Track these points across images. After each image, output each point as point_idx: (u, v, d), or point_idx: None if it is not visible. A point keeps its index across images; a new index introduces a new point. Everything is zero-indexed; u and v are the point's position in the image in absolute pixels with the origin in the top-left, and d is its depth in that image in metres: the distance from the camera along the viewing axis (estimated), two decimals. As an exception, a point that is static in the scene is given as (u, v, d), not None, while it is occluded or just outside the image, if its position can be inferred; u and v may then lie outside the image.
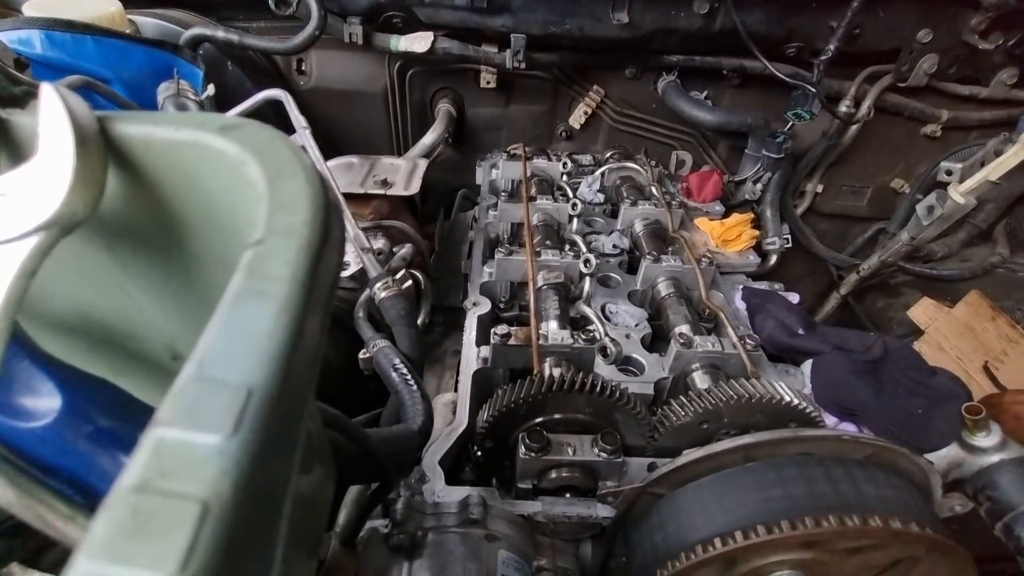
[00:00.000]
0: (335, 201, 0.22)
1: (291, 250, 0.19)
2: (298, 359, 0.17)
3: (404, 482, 0.65)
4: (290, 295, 0.17)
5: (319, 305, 0.19)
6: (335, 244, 0.21)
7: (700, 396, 0.68)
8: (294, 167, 0.21)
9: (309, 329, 0.18)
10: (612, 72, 1.48)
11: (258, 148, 0.22)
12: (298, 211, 0.20)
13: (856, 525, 0.47)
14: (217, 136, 0.23)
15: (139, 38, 1.07)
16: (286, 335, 0.17)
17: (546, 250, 0.99)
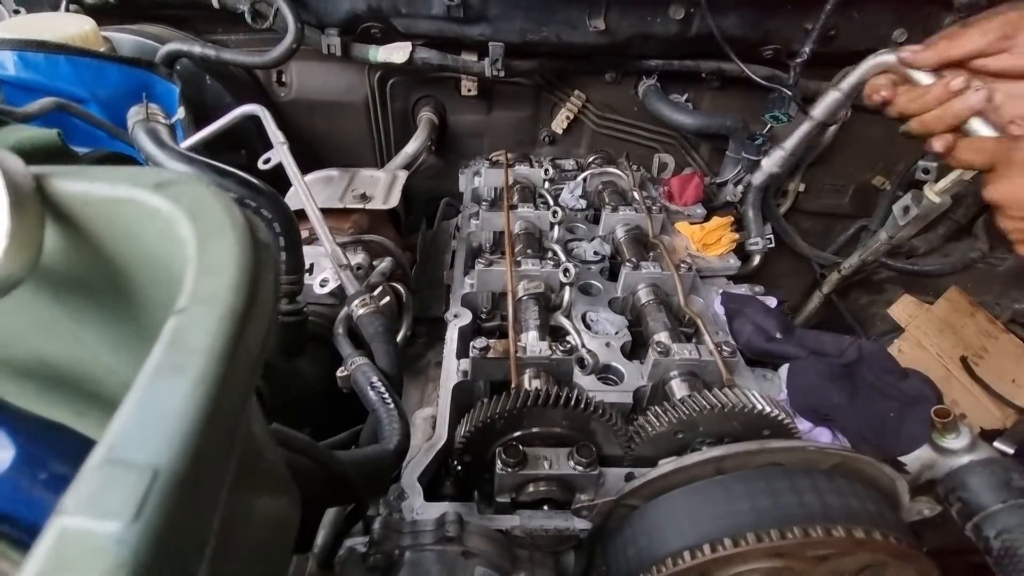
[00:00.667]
0: (267, 261, 0.22)
1: (213, 319, 0.19)
2: (214, 435, 0.17)
3: (383, 500, 0.65)
4: (207, 368, 0.18)
5: (242, 374, 0.19)
6: (263, 308, 0.21)
7: (674, 407, 0.69)
8: (224, 227, 0.22)
9: (228, 402, 0.18)
10: (592, 77, 1.49)
11: (190, 206, 0.22)
12: (224, 275, 0.20)
13: (820, 536, 0.48)
14: (151, 193, 0.23)
15: (114, 56, 1.07)
16: (200, 411, 0.17)
17: (526, 259, 0.99)
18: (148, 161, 0.65)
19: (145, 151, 0.65)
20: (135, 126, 0.67)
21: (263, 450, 0.32)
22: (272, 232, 0.69)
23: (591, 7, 1.22)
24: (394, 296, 0.97)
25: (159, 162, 0.63)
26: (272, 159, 0.96)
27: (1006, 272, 1.62)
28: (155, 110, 0.70)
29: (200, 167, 0.64)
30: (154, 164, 0.64)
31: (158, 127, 0.67)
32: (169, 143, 0.66)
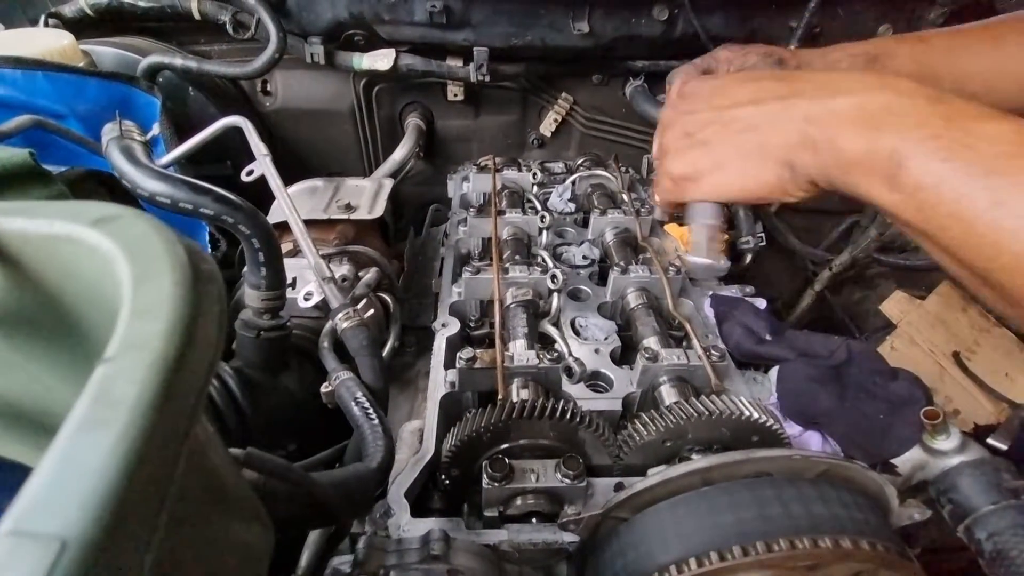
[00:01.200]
0: (208, 301, 0.21)
1: (141, 367, 0.18)
2: (138, 492, 0.16)
3: (369, 517, 0.64)
4: (133, 421, 0.17)
5: (177, 422, 0.19)
6: (202, 350, 0.20)
7: (662, 415, 0.68)
8: (162, 266, 0.21)
9: (159, 454, 0.17)
10: (579, 79, 1.48)
11: (129, 244, 0.21)
12: (158, 319, 0.19)
13: (807, 547, 0.47)
14: (90, 230, 0.22)
15: (92, 71, 1.06)
16: (122, 469, 0.16)
17: (514, 266, 0.98)
18: (122, 179, 0.64)
19: (118, 169, 0.64)
20: (108, 144, 0.66)
21: (225, 481, 0.31)
22: (251, 248, 0.69)
23: (575, 10, 1.21)
24: (380, 307, 0.96)
25: (132, 180, 0.62)
26: (255, 171, 0.95)
27: (998, 265, 1.62)
28: (129, 126, 0.69)
29: (175, 184, 0.63)
30: (127, 182, 0.63)
31: (132, 144, 0.66)
32: (143, 160, 0.65)
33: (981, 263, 0.41)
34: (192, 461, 0.26)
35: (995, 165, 0.39)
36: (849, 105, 0.46)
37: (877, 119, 0.45)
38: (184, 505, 0.25)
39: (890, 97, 0.46)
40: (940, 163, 0.41)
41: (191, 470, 0.26)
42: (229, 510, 0.34)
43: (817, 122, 0.48)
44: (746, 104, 0.54)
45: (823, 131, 0.47)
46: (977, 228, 0.39)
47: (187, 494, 0.25)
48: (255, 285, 0.71)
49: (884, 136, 0.44)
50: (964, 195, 0.40)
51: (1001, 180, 0.39)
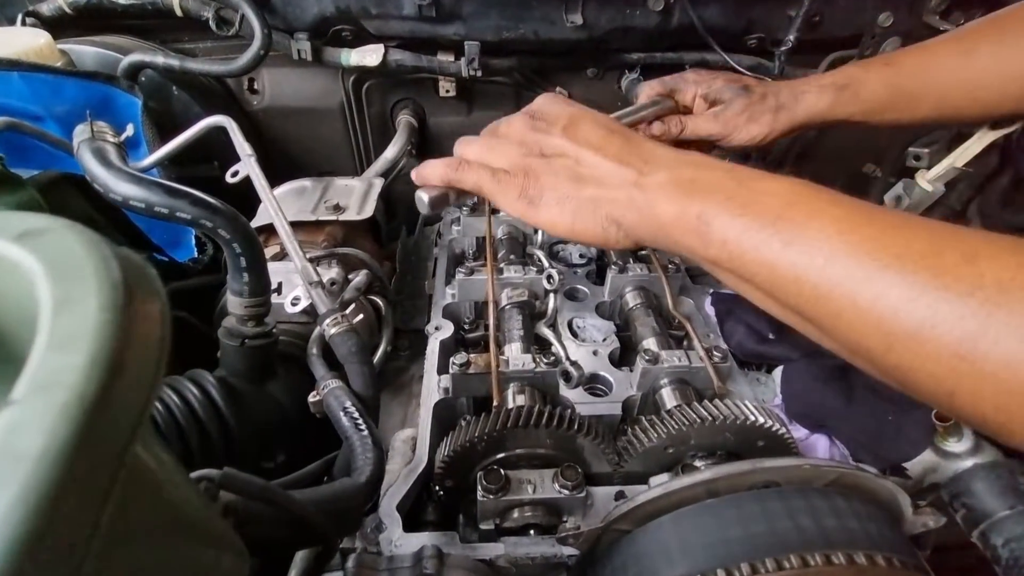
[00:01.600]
0: (144, 327, 0.18)
1: (52, 411, 0.15)
2: (40, 562, 0.14)
3: (360, 533, 0.62)
4: (35, 480, 0.14)
5: (97, 472, 0.16)
6: (133, 385, 0.17)
7: (663, 420, 0.65)
8: (89, 287, 0.18)
9: (70, 515, 0.15)
10: (574, 73, 1.44)
11: (54, 261, 0.19)
12: (77, 350, 0.17)
13: (819, 564, 0.44)
14: (12, 244, 0.19)
15: (70, 71, 1.03)
16: (16, 539, 0.13)
17: (509, 266, 0.96)
18: (93, 183, 0.61)
19: (90, 173, 0.61)
20: (79, 145, 0.63)
21: (187, 512, 0.29)
22: (232, 253, 0.66)
23: (568, 1, 1.18)
24: (371, 311, 0.93)
25: (104, 184, 0.59)
26: (240, 172, 0.92)
27: (1002, 257, 1.59)
28: (102, 127, 0.66)
29: (149, 187, 0.60)
30: (99, 186, 0.60)
31: (105, 146, 0.63)
32: (116, 162, 0.61)
33: (791, 300, 0.46)
34: (139, 497, 0.23)
35: (780, 213, 0.46)
36: (665, 179, 0.54)
37: (686, 188, 0.52)
38: (128, 548, 0.22)
39: (695, 171, 0.54)
40: (737, 218, 0.48)
41: (139, 506, 0.23)
42: (192, 542, 0.31)
43: (642, 189, 0.55)
44: (593, 150, 0.59)
45: (646, 198, 0.54)
46: (779, 269, 0.45)
47: (132, 535, 0.23)
48: (237, 292, 0.68)
49: (692, 202, 0.51)
50: (761, 242, 0.46)
51: (786, 224, 0.45)
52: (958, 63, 0.83)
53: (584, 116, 0.63)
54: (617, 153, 0.58)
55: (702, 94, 0.96)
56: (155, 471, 0.25)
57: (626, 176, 0.56)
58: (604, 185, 0.57)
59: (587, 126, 0.61)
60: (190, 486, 0.29)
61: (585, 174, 0.58)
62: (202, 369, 0.72)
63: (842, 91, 0.89)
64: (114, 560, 0.20)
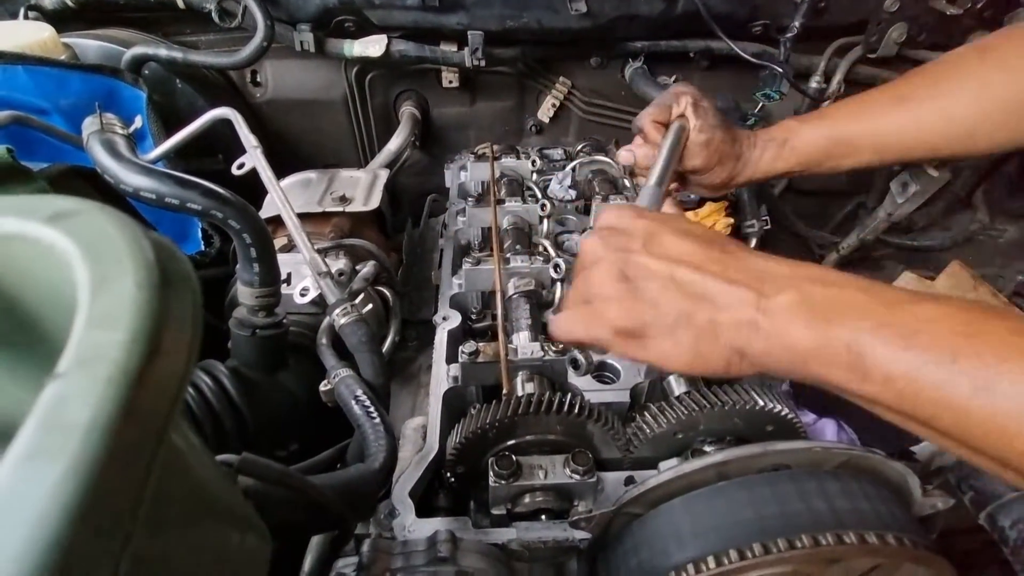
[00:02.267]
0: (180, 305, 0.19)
1: (97, 384, 0.16)
2: (92, 528, 0.14)
3: (373, 519, 0.62)
4: (84, 450, 0.15)
5: (141, 447, 0.16)
6: (172, 360, 0.18)
7: (672, 406, 0.66)
8: (125, 267, 0.18)
9: (119, 482, 0.15)
10: (577, 62, 1.44)
11: (87, 242, 0.19)
12: (117, 327, 0.17)
13: (831, 544, 0.45)
14: (45, 227, 0.20)
15: (75, 64, 1.03)
16: (69, 510, 0.14)
17: (515, 256, 0.96)
18: (104, 174, 0.61)
19: (100, 164, 0.61)
20: (89, 138, 0.63)
21: (213, 493, 0.29)
22: (242, 244, 0.66)
23: (572, -11, 1.17)
24: (379, 301, 0.94)
25: (115, 176, 0.60)
26: (246, 164, 0.92)
27: (1008, 244, 1.59)
28: (111, 119, 0.66)
29: (160, 179, 0.60)
30: (110, 178, 0.60)
31: (114, 138, 0.63)
32: (126, 154, 0.62)
33: (994, 450, 0.39)
34: (172, 477, 0.24)
35: (957, 347, 0.39)
36: (793, 300, 0.46)
37: (823, 312, 0.44)
38: (163, 526, 0.23)
39: (825, 289, 0.46)
40: (902, 352, 0.40)
41: (171, 487, 0.24)
42: (219, 522, 0.32)
43: (767, 313, 0.46)
44: (689, 267, 0.50)
45: (773, 324, 0.46)
46: (972, 415, 0.38)
47: (166, 513, 0.23)
48: (248, 282, 0.68)
49: (835, 329, 0.43)
50: (942, 382, 0.39)
51: (971, 363, 0.38)
52: (895, 109, 0.85)
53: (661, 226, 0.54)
54: (721, 270, 0.49)
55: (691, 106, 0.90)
56: (185, 452, 0.25)
57: (743, 297, 0.47)
58: (719, 308, 0.48)
59: (668, 238, 0.52)
60: (217, 468, 0.30)
61: (694, 297, 0.49)
62: (214, 360, 0.72)
63: (782, 146, 0.89)
64: (156, 537, 0.20)
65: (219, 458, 0.42)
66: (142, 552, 0.20)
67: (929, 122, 0.83)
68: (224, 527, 0.32)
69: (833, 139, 0.88)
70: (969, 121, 0.80)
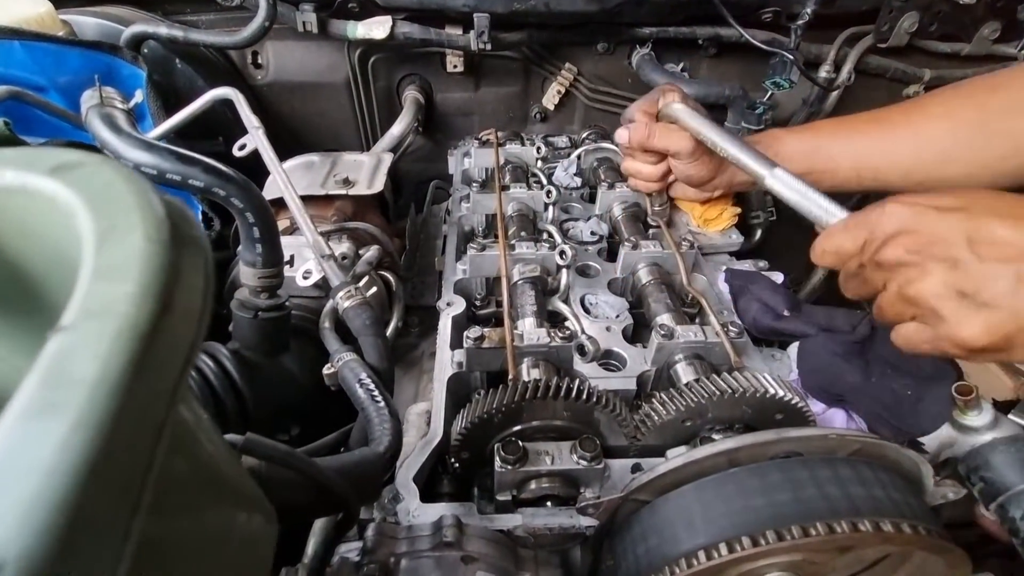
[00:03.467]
0: (191, 261, 0.17)
1: (105, 339, 0.15)
2: (101, 496, 0.13)
3: (377, 503, 0.62)
4: (92, 405, 0.14)
5: (151, 407, 0.15)
6: (183, 319, 0.17)
7: (681, 393, 0.65)
8: (132, 218, 0.17)
9: (127, 447, 0.14)
10: (584, 48, 1.42)
11: (93, 194, 0.18)
12: (126, 279, 0.16)
13: (845, 532, 0.44)
14: (47, 179, 0.18)
15: (73, 40, 1.01)
16: (77, 467, 0.13)
17: (520, 242, 0.95)
18: (103, 149, 0.59)
19: (100, 138, 0.59)
20: (88, 112, 0.61)
21: (221, 470, 0.28)
22: (245, 223, 0.65)
23: (580, -29, 1.15)
24: (383, 285, 0.92)
25: (115, 150, 0.58)
26: (248, 145, 0.90)
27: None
28: (110, 93, 0.64)
29: (161, 154, 0.59)
30: (110, 153, 0.59)
31: (114, 112, 0.62)
32: (126, 129, 0.60)
33: None
34: (180, 449, 0.23)
35: None
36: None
37: None
38: (172, 499, 0.22)
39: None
40: None
41: (179, 460, 0.23)
42: (226, 501, 0.31)
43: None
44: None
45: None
46: None
47: (175, 487, 0.22)
48: (251, 262, 0.67)
49: None
50: None
51: None
52: (871, 127, 0.86)
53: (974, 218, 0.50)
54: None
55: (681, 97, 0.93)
56: (193, 428, 0.24)
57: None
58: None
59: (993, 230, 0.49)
60: (225, 446, 0.29)
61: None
62: (216, 342, 0.71)
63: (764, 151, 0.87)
64: (162, 514, 0.19)
65: (225, 438, 0.41)
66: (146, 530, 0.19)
67: (904, 150, 0.83)
68: (232, 506, 0.31)
69: (815, 149, 0.89)
70: (940, 145, 0.80)
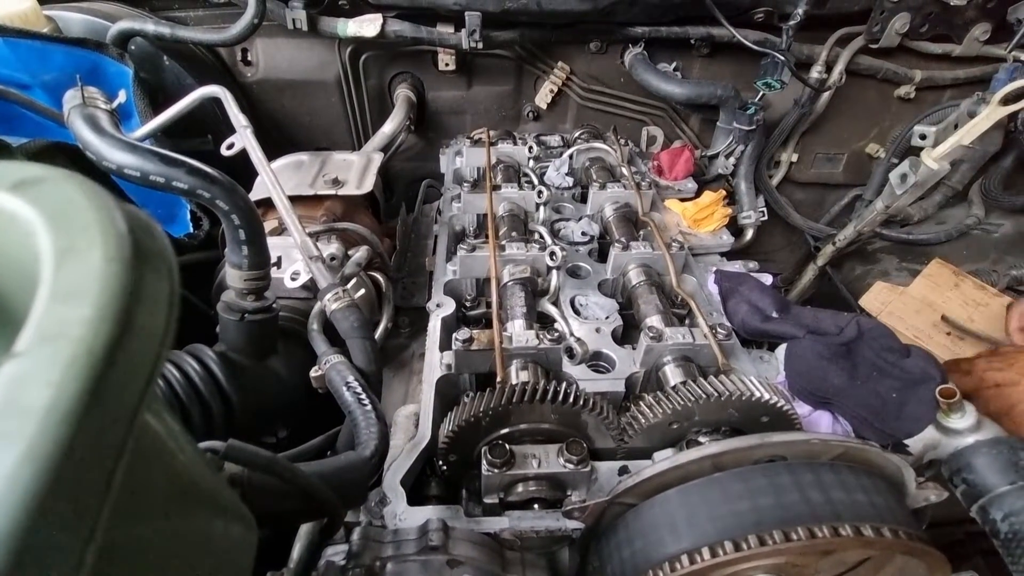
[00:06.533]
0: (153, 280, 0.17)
1: (58, 364, 0.14)
2: (52, 520, 0.13)
3: (364, 506, 0.61)
4: (43, 436, 0.13)
5: (109, 432, 0.15)
6: (144, 341, 0.16)
7: (668, 396, 0.65)
8: (93, 238, 0.17)
9: (81, 474, 0.14)
10: (576, 47, 1.41)
11: (54, 211, 0.17)
12: (83, 303, 0.15)
13: (826, 536, 0.44)
14: (8, 195, 0.18)
15: (58, 37, 0.99)
16: (24, 499, 0.13)
17: (511, 243, 0.94)
18: (86, 150, 0.59)
19: (82, 140, 0.59)
20: (70, 112, 0.60)
21: (196, 480, 0.28)
22: (230, 225, 0.64)
23: (572, -30, 1.14)
24: (372, 287, 0.92)
25: (97, 151, 0.57)
26: (236, 144, 0.89)
27: (1001, 238, 1.60)
28: (93, 93, 0.63)
29: (144, 155, 0.58)
30: (92, 154, 0.58)
31: (97, 112, 0.61)
32: (109, 129, 0.59)
33: None
34: (151, 462, 0.22)
35: None
36: None
37: None
38: (143, 511, 0.21)
39: None
40: None
41: (151, 471, 0.22)
42: (202, 510, 0.30)
43: None
44: None
45: None
46: None
47: (145, 498, 0.22)
48: (237, 265, 0.66)
49: None
50: None
51: None
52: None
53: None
54: None
55: None
56: (164, 439, 0.24)
57: None
58: None
59: None
60: (199, 455, 0.29)
61: None
62: (202, 344, 0.71)
63: None
64: (126, 528, 0.19)
65: (205, 445, 0.40)
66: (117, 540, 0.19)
67: None
68: (207, 515, 0.31)
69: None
70: None
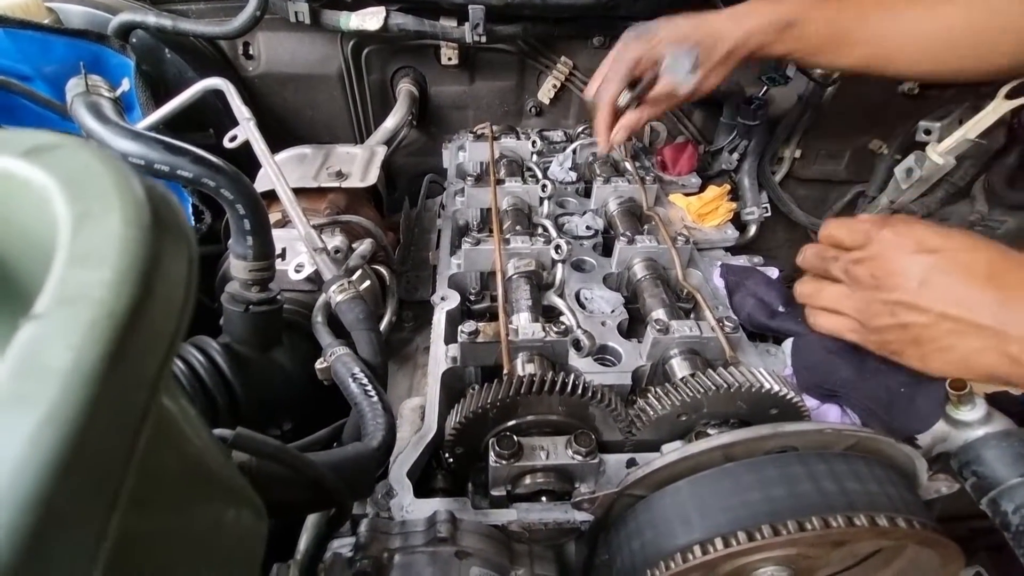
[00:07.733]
0: (173, 247, 0.17)
1: (79, 327, 0.14)
2: (74, 493, 0.12)
3: (371, 499, 0.61)
4: (65, 397, 0.13)
5: (130, 398, 0.14)
6: (164, 306, 0.16)
7: (676, 388, 0.65)
8: (110, 201, 0.16)
9: (104, 441, 0.13)
10: (579, 42, 1.41)
11: (70, 176, 0.17)
12: (102, 265, 0.15)
13: (841, 526, 0.44)
14: (21, 161, 0.18)
15: (59, 28, 0.98)
16: (47, 462, 0.12)
17: (516, 236, 0.94)
18: (89, 138, 0.58)
19: (86, 127, 0.58)
20: (74, 100, 0.60)
21: (209, 465, 0.27)
22: (235, 215, 0.63)
23: (577, -36, 1.14)
24: (376, 279, 0.91)
25: (101, 139, 0.57)
26: (238, 136, 0.89)
27: (1005, 234, 1.59)
28: (96, 81, 0.63)
29: (149, 144, 0.57)
30: (96, 142, 0.57)
31: (100, 100, 0.60)
32: (113, 118, 0.59)
33: None
34: (166, 443, 0.22)
35: None
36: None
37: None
38: (157, 495, 0.21)
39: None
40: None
41: (165, 454, 0.22)
42: (214, 496, 0.30)
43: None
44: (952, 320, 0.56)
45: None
46: None
47: (160, 482, 0.21)
48: (241, 255, 0.66)
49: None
50: None
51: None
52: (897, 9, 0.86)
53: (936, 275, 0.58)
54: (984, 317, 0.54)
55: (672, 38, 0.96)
56: (179, 420, 0.24)
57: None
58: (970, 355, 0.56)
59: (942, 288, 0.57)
60: (212, 440, 0.28)
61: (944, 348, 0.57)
62: (206, 336, 0.70)
63: (787, 29, 0.88)
64: (146, 509, 0.18)
65: (214, 433, 0.40)
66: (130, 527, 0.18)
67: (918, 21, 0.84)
68: (219, 503, 0.30)
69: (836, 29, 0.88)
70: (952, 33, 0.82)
